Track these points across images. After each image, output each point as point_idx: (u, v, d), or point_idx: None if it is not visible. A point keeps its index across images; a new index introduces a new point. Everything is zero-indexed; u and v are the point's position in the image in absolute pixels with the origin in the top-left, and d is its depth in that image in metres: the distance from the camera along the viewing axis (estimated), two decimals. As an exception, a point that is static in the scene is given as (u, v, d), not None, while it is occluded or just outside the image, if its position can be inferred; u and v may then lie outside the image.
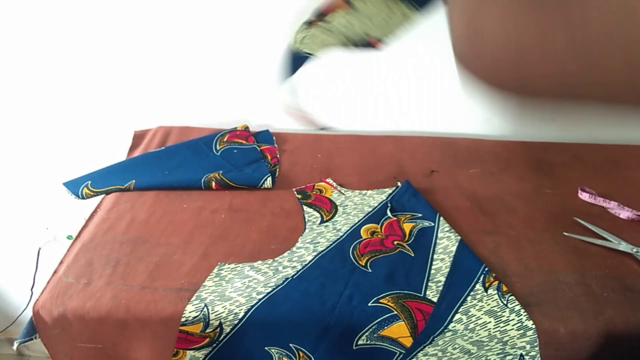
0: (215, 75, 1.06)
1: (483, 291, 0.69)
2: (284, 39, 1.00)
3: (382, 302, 0.67)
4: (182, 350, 0.68)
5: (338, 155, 1.01)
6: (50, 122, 1.14)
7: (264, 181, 0.91)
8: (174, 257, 0.75)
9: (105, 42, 1.02)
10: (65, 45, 1.03)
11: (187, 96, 1.10)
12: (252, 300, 0.67)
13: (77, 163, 1.04)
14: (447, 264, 0.73)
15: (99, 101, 1.11)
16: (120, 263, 0.74)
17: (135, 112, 1.13)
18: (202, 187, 0.90)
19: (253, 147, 1.01)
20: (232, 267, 0.73)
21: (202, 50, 1.03)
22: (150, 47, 1.03)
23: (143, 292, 0.69)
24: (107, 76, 1.07)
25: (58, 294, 0.69)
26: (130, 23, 1.00)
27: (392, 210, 0.84)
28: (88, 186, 0.91)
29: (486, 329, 0.64)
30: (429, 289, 0.69)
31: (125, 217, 0.84)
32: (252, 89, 1.08)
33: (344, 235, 0.79)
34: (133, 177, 0.92)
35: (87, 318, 0.67)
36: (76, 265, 0.74)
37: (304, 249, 0.77)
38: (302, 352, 0.67)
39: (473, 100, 1.06)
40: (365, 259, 0.74)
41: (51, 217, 1.29)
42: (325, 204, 0.87)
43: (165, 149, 1.01)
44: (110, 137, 1.14)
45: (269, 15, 0.97)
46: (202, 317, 0.66)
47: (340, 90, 1.07)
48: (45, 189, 1.22)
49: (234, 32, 1.00)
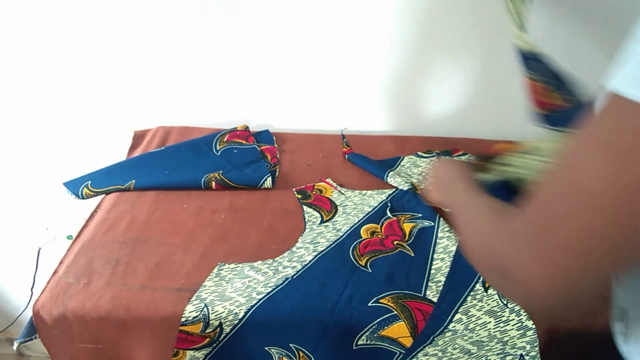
0: (215, 75, 1.06)
1: (483, 291, 0.69)
2: (284, 39, 1.00)
3: (382, 302, 0.67)
4: (182, 350, 0.68)
5: (338, 155, 1.01)
6: (51, 122, 1.14)
7: (264, 181, 0.91)
8: (174, 257, 0.75)
9: (105, 42, 1.02)
10: (66, 45, 1.03)
11: (187, 96, 1.10)
12: (252, 300, 0.67)
13: (77, 163, 1.04)
14: (447, 263, 0.73)
15: (99, 101, 1.11)
16: (120, 263, 0.74)
17: (135, 112, 1.13)
18: (202, 187, 0.90)
19: (253, 147, 1.01)
20: (232, 267, 0.73)
21: (202, 51, 1.03)
22: (151, 48, 1.03)
23: (143, 292, 0.69)
24: (107, 76, 1.07)
25: (58, 294, 0.69)
26: (130, 23, 1.00)
27: (392, 210, 0.84)
28: (88, 186, 0.91)
29: (486, 329, 0.64)
30: (429, 289, 0.69)
31: (125, 217, 0.84)
32: (252, 89, 1.08)
33: (344, 235, 0.79)
34: (133, 177, 0.92)
35: (87, 318, 0.67)
36: (76, 265, 0.74)
37: (304, 249, 0.77)
38: (302, 352, 0.67)
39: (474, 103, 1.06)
40: (365, 259, 0.74)
41: (51, 217, 1.29)
42: (325, 204, 0.87)
43: (165, 149, 1.01)
44: (110, 137, 1.14)
45: (269, 16, 0.97)
46: (202, 317, 0.66)
47: (340, 91, 1.07)
48: (45, 189, 1.22)
49: (234, 32, 1.00)
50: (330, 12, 0.96)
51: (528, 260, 0.35)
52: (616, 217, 0.30)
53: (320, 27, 0.98)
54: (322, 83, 1.06)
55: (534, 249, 0.34)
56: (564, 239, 0.33)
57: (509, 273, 0.37)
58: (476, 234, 0.45)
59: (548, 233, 0.34)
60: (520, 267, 0.36)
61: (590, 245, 0.32)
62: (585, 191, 0.31)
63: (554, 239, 0.33)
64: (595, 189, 0.31)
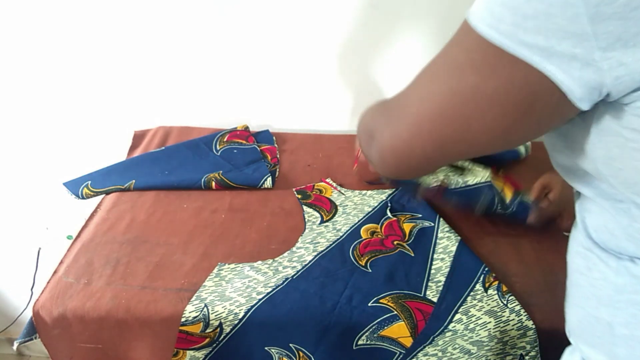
0: (215, 75, 1.06)
1: (483, 291, 0.69)
2: (284, 39, 1.00)
3: (382, 302, 0.67)
4: (182, 350, 0.68)
5: (338, 155, 1.01)
6: (51, 122, 1.14)
7: (264, 181, 0.91)
8: (174, 257, 0.75)
9: (105, 42, 1.02)
10: (66, 45, 1.03)
11: (187, 96, 1.10)
12: (252, 300, 0.67)
13: (77, 163, 1.04)
14: (447, 264, 0.73)
15: (99, 101, 1.11)
16: (120, 263, 0.74)
17: (135, 112, 1.13)
18: (202, 187, 0.90)
19: (253, 147, 1.01)
20: (232, 267, 0.73)
21: (202, 51, 1.03)
22: (151, 48, 1.03)
23: (143, 292, 0.69)
24: (107, 76, 1.07)
25: (58, 294, 0.69)
26: (130, 24, 1.00)
27: (392, 210, 0.84)
28: (88, 186, 0.91)
29: (486, 329, 0.64)
30: (429, 289, 0.69)
31: (125, 217, 0.84)
32: (252, 89, 1.08)
33: (344, 235, 0.79)
34: (133, 177, 0.92)
35: (87, 318, 0.67)
36: (76, 265, 0.74)
37: (304, 249, 0.77)
38: (302, 352, 0.67)
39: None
40: (365, 259, 0.74)
41: (51, 217, 1.29)
42: (325, 204, 0.87)
43: (165, 149, 1.01)
44: (110, 137, 1.14)
45: (269, 16, 0.97)
46: (202, 317, 0.66)
47: (340, 91, 1.07)
48: (45, 189, 1.22)
49: (234, 32, 1.00)
50: (330, 13, 0.96)
51: (385, 129, 0.46)
52: (447, 114, 0.39)
53: (320, 28, 0.98)
54: (322, 83, 1.06)
55: (390, 121, 0.45)
56: (410, 121, 0.42)
57: (373, 136, 0.48)
58: (366, 116, 0.56)
59: (402, 113, 0.44)
60: (379, 134, 0.47)
61: (426, 130, 0.41)
62: (430, 90, 0.41)
63: (404, 119, 0.43)
64: (437, 90, 0.40)
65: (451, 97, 0.38)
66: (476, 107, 0.37)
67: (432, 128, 0.41)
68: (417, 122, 0.42)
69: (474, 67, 0.37)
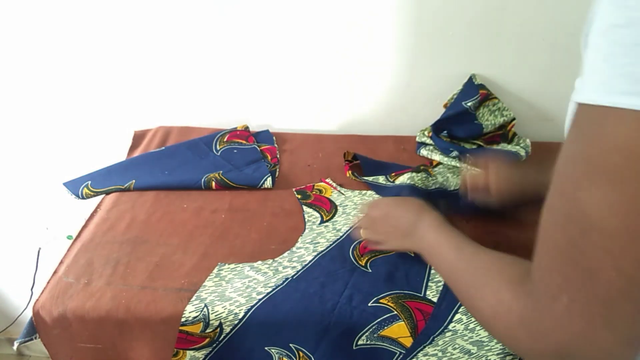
0: (215, 75, 1.06)
1: (483, 291, 0.68)
2: (284, 39, 1.00)
3: (382, 302, 0.67)
4: (182, 350, 0.68)
5: (338, 155, 1.01)
6: (51, 122, 1.14)
7: (264, 181, 0.91)
8: (174, 257, 0.75)
9: (105, 42, 1.02)
10: (66, 45, 1.03)
11: (187, 96, 1.10)
12: (252, 301, 0.67)
13: (77, 163, 1.04)
14: (447, 264, 0.73)
15: (99, 101, 1.11)
16: (120, 263, 0.74)
17: (135, 112, 1.13)
18: (202, 187, 0.90)
19: (253, 147, 1.01)
20: (232, 267, 0.73)
21: (202, 51, 1.03)
22: (151, 48, 1.03)
23: (143, 292, 0.69)
24: (107, 76, 1.07)
25: (58, 294, 0.69)
26: (130, 24, 1.00)
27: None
28: (88, 186, 0.91)
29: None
30: (429, 289, 0.69)
31: (125, 217, 0.84)
32: (252, 89, 1.08)
33: (344, 235, 0.79)
34: (133, 177, 0.92)
35: (87, 318, 0.67)
36: (76, 265, 0.74)
37: (304, 249, 0.77)
38: (302, 352, 0.67)
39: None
40: (365, 259, 0.74)
41: (51, 217, 1.29)
42: (325, 204, 0.87)
43: (165, 149, 1.01)
44: (110, 137, 1.14)
45: (269, 16, 0.97)
46: (202, 317, 0.66)
47: (340, 91, 1.07)
48: (45, 189, 1.22)
49: (234, 32, 1.00)
50: (330, 13, 0.96)
51: (589, 332, 0.30)
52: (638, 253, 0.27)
53: (320, 28, 0.98)
54: (322, 83, 1.06)
55: (590, 318, 0.30)
56: (606, 295, 0.29)
57: (572, 353, 0.32)
58: (501, 314, 0.40)
59: (591, 295, 0.30)
60: (584, 343, 0.31)
61: (629, 289, 0.29)
62: (598, 231, 0.28)
63: (601, 296, 0.30)
64: (607, 226, 0.28)
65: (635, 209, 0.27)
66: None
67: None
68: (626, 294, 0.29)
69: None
